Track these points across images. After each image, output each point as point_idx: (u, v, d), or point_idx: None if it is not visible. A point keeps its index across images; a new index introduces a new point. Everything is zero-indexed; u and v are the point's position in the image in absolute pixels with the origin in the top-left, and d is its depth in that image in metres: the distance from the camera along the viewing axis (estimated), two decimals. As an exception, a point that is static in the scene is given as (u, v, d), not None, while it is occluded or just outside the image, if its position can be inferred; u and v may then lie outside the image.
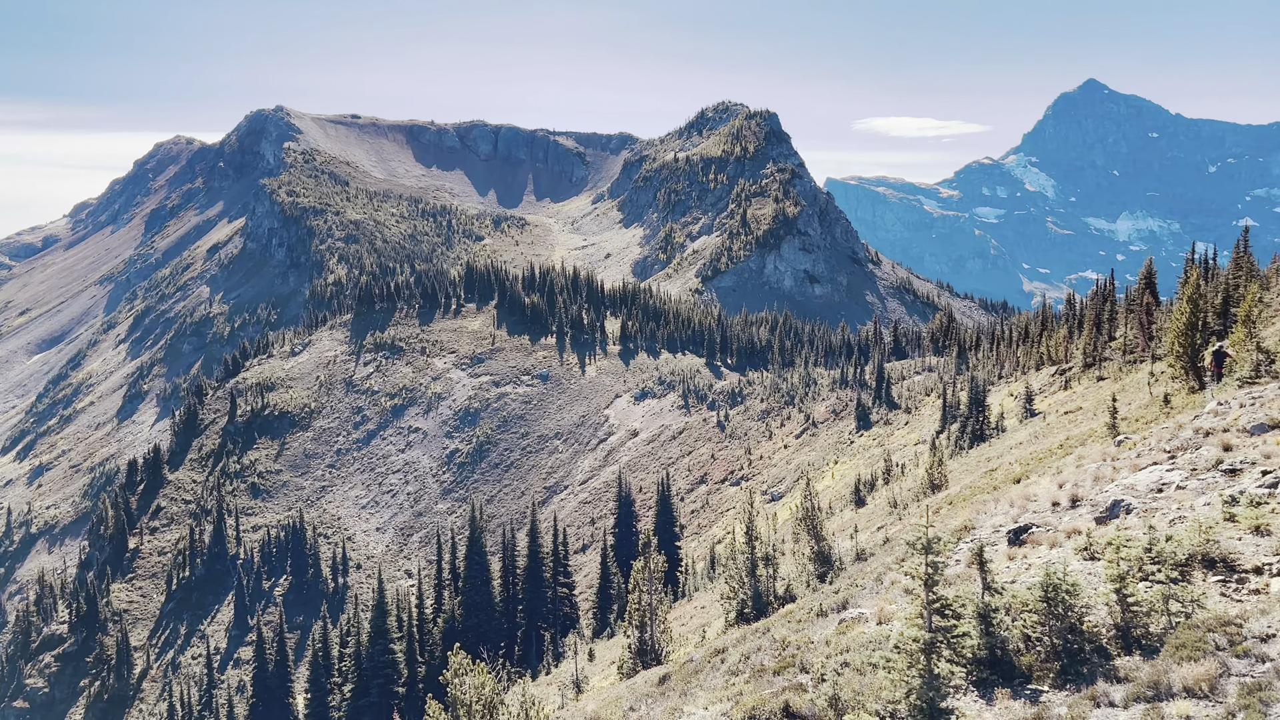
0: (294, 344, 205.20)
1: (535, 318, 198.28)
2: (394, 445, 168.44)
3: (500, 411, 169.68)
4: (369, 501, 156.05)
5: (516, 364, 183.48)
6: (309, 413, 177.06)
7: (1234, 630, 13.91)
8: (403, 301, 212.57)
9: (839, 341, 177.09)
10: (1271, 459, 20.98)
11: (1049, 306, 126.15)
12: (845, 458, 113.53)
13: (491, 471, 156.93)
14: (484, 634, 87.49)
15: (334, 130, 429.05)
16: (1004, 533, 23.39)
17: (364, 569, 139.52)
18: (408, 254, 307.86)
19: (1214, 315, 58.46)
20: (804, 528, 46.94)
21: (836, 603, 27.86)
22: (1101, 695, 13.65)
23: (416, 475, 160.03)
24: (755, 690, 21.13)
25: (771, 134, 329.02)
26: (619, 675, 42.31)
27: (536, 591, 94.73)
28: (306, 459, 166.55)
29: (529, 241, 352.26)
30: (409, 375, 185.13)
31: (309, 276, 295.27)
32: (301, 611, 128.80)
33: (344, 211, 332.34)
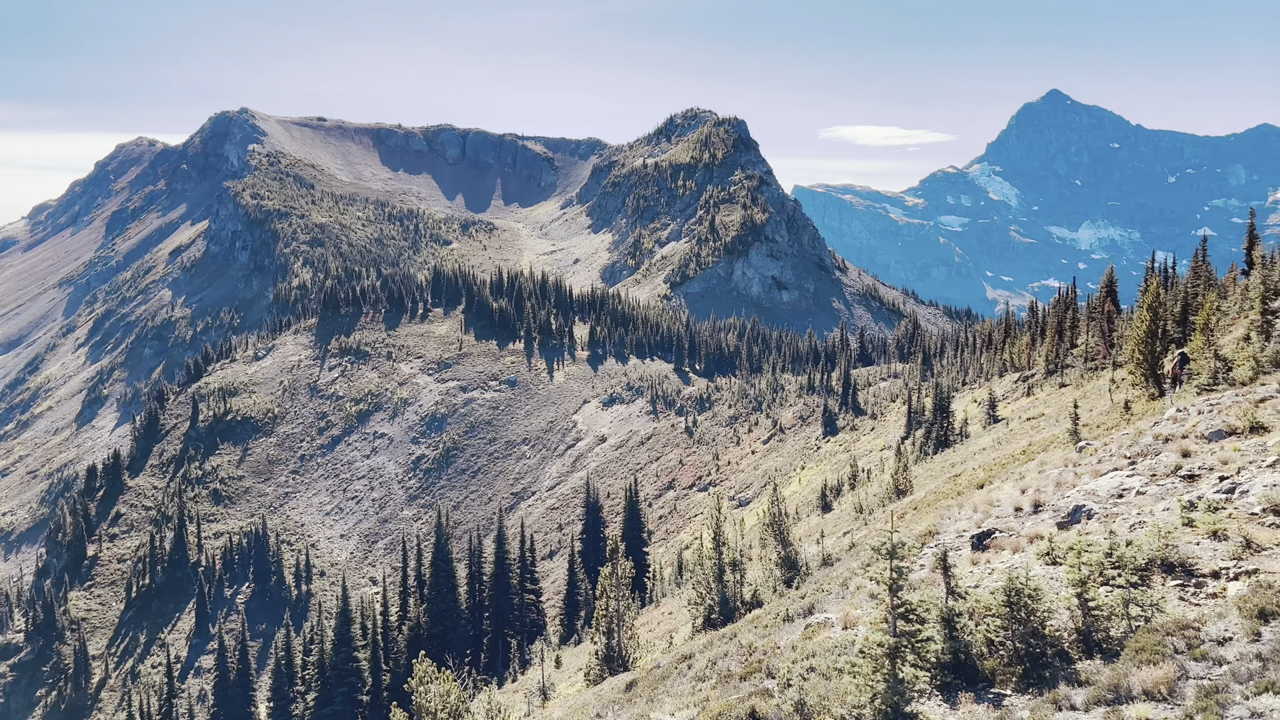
0: (257, 348, 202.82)
1: (503, 323, 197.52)
2: (359, 451, 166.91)
3: (467, 417, 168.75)
4: (333, 508, 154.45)
5: (484, 369, 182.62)
6: (272, 418, 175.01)
7: (1192, 634, 14.12)
8: (369, 306, 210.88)
9: (806, 348, 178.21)
10: (1229, 465, 21.35)
11: (1012, 314, 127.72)
12: (812, 463, 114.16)
13: (458, 477, 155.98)
14: (450, 641, 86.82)
15: (299, 133, 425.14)
16: (968, 538, 23.60)
17: (328, 576, 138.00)
18: (374, 258, 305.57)
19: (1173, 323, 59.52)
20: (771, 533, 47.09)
21: (803, 608, 27.95)
22: (1063, 699, 13.80)
23: (382, 481, 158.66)
24: (722, 696, 21.13)
25: (740, 141, 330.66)
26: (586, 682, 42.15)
27: (503, 598, 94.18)
28: (270, 465, 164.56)
29: (497, 246, 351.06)
30: (375, 380, 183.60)
31: (273, 280, 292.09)
32: (264, 619, 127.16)
33: (309, 215, 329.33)
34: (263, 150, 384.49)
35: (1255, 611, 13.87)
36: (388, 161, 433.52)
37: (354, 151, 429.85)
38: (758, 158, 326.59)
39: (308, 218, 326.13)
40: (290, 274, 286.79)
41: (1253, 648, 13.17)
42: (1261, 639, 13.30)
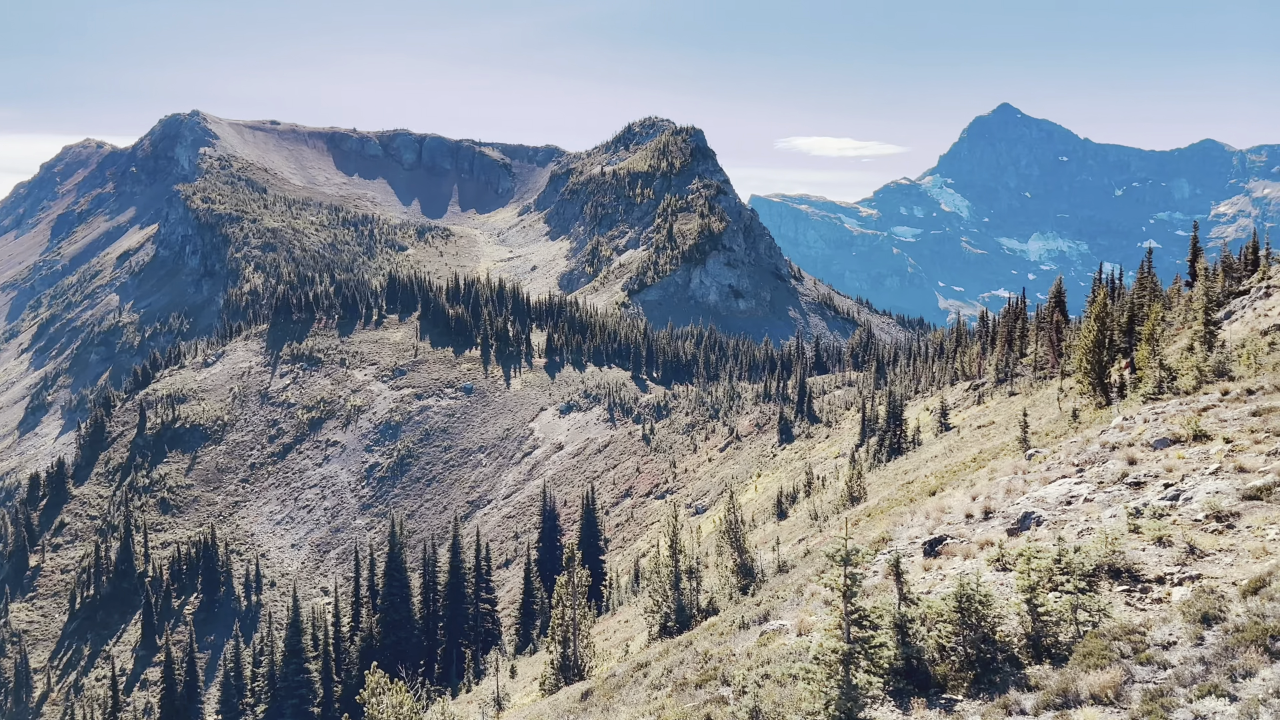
0: (207, 354, 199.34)
1: (459, 329, 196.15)
2: (311, 459, 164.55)
3: (422, 425, 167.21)
4: (284, 517, 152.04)
5: (440, 376, 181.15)
6: (222, 426, 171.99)
7: (1138, 638, 14.38)
8: (321, 312, 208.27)
9: (763, 356, 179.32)
10: (1173, 472, 21.83)
11: (963, 324, 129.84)
12: (768, 470, 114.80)
13: (413, 486, 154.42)
14: (403, 652, 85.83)
15: (252, 136, 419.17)
16: (920, 544, 23.84)
17: (278, 586, 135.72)
18: (327, 263, 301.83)
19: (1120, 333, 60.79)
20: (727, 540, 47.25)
21: (758, 615, 28.04)
22: (1013, 703, 13.96)
23: (334, 490, 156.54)
24: (677, 704, 21.11)
25: (697, 150, 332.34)
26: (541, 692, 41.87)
27: (458, 608, 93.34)
28: (219, 473, 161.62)
29: (454, 252, 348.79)
30: (327, 387, 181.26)
31: (224, 285, 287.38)
32: (213, 631, 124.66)
33: (261, 219, 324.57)
34: (214, 153, 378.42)
35: (1199, 616, 14.16)
36: (342, 166, 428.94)
37: (308, 155, 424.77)
38: (715, 167, 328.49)
39: (260, 222, 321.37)
40: (242, 279, 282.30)
41: (1196, 651, 13.44)
42: (1205, 643, 13.58)
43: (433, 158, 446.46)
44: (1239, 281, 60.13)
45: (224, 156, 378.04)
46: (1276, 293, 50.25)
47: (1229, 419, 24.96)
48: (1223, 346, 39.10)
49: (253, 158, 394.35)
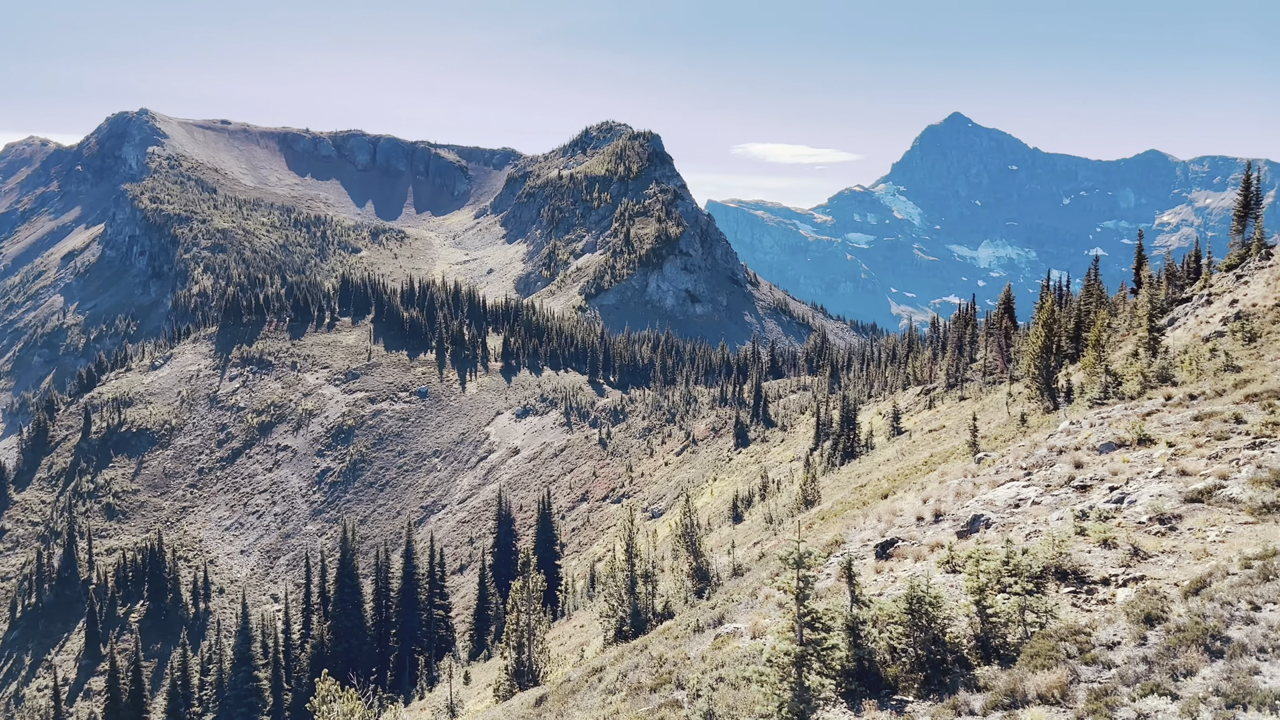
0: (154, 357, 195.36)
1: (414, 333, 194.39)
2: (261, 464, 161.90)
3: (376, 429, 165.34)
4: (233, 523, 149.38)
5: (394, 380, 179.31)
6: (169, 430, 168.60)
7: (1084, 639, 14.63)
8: (272, 314, 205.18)
9: (719, 360, 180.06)
10: (1118, 475, 22.28)
11: (915, 329, 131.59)
12: (724, 474, 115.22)
13: (365, 491, 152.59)
14: (355, 659, 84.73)
15: (202, 135, 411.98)
16: (872, 547, 24.07)
17: (227, 593, 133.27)
18: (279, 265, 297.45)
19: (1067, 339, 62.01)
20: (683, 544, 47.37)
21: (713, 618, 28.12)
22: (962, 704, 14.13)
23: (285, 495, 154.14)
24: (631, 708, 21.08)
25: (654, 155, 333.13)
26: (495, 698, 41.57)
27: (411, 614, 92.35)
28: (166, 478, 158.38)
29: (408, 255, 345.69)
30: (278, 391, 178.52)
31: (172, 287, 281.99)
32: (159, 639, 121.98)
33: (211, 220, 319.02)
34: (163, 153, 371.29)
35: (1142, 616, 14.45)
36: (295, 166, 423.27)
37: (259, 156, 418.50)
38: (672, 172, 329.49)
39: (209, 223, 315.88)
40: (190, 280, 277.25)
41: (1139, 651, 13.71)
42: (1148, 643, 13.86)
43: (387, 159, 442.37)
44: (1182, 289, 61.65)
45: (173, 156, 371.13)
46: (1218, 300, 51.60)
47: (1172, 424, 25.55)
48: (1166, 353, 40.06)
49: (203, 157, 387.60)
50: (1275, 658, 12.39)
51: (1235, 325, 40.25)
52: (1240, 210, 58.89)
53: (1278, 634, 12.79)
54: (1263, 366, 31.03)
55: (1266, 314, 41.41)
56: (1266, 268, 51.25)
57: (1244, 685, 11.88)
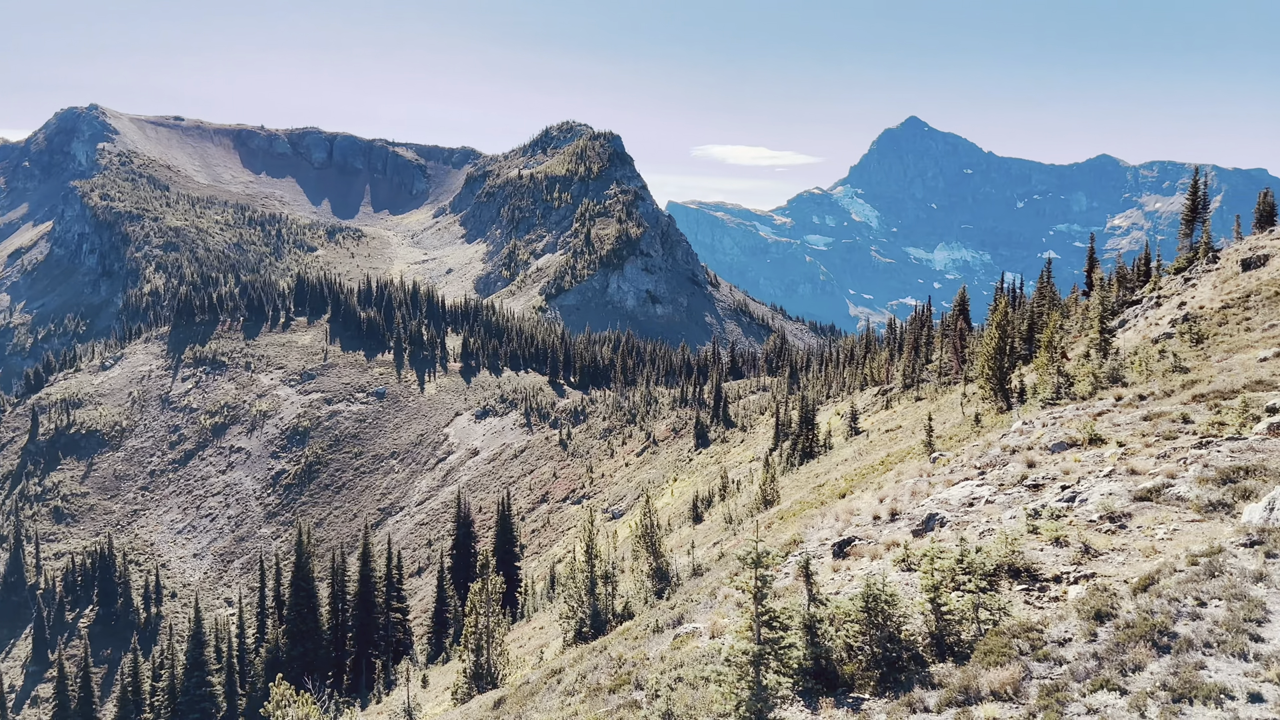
0: (105, 357, 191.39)
1: (372, 333, 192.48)
2: (214, 466, 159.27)
3: (332, 430, 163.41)
4: (186, 526, 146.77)
5: (350, 380, 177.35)
6: (120, 431, 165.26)
7: (1036, 636, 14.84)
8: (226, 314, 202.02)
9: (679, 361, 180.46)
10: (1070, 475, 22.64)
11: (872, 331, 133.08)
12: (684, 475, 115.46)
13: (321, 493, 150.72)
14: (311, 663, 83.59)
15: (154, 132, 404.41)
16: (830, 546, 24.23)
17: (180, 597, 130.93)
18: (233, 264, 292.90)
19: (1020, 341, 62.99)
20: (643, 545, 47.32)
21: (672, 618, 28.12)
22: (917, 701, 14.25)
23: (238, 498, 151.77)
24: (590, 709, 21.01)
25: (615, 155, 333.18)
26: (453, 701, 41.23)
27: (368, 617, 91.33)
28: (117, 481, 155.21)
29: (366, 254, 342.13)
30: (232, 392, 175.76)
31: (123, 286, 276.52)
32: (110, 644, 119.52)
33: (163, 218, 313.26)
34: (114, 149, 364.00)
35: (1092, 613, 14.68)
36: (249, 164, 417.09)
37: (213, 153, 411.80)
38: (633, 173, 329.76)
39: (162, 221, 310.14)
40: (142, 279, 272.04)
41: (1090, 647, 13.93)
42: (1098, 639, 14.09)
43: (344, 157, 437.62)
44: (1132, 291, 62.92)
45: (124, 152, 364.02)
46: (1167, 303, 52.72)
47: (1122, 423, 26.03)
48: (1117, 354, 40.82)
49: (155, 154, 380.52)
50: (1220, 653, 12.65)
51: (1183, 327, 41.13)
52: (1188, 214, 60.26)
53: (1223, 629, 13.06)
54: (1209, 368, 31.73)
55: (1213, 316, 42.39)
56: (1213, 271, 52.48)
57: (1190, 680, 12.12)
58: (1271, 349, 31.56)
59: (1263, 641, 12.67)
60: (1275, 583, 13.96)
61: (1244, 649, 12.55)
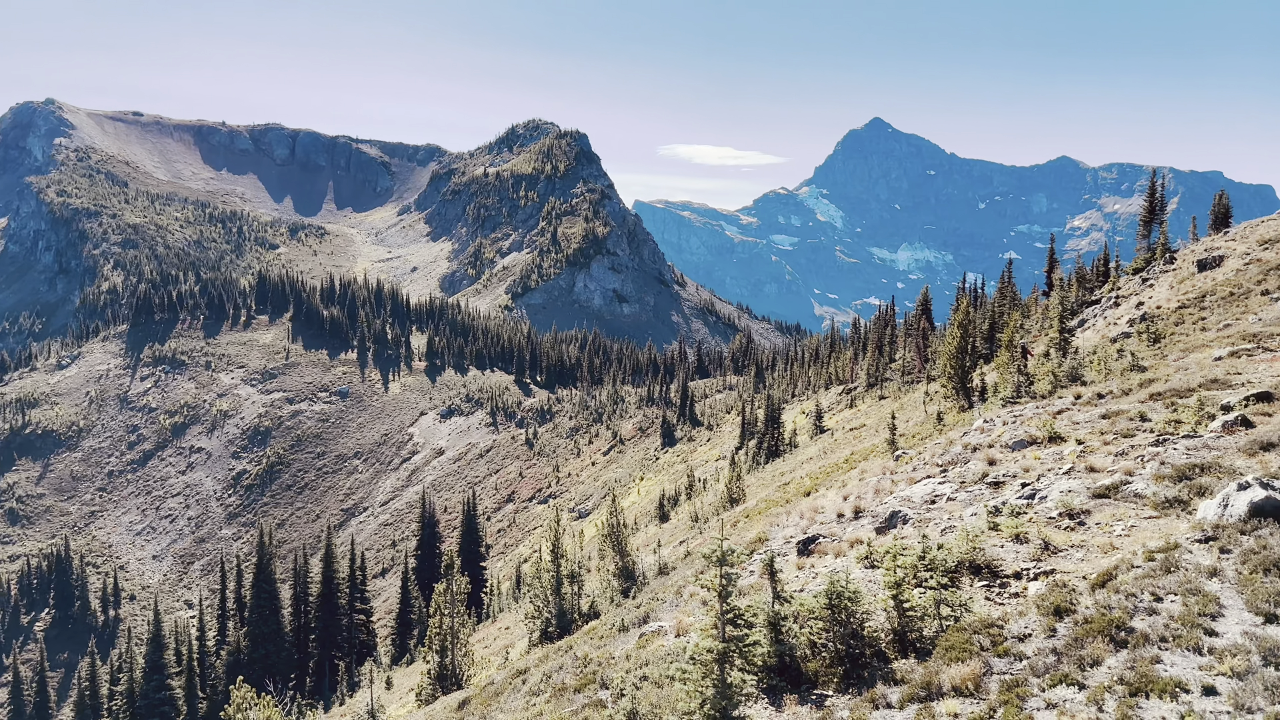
0: (61, 356, 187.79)
1: (335, 331, 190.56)
2: (174, 467, 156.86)
3: (294, 430, 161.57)
4: (145, 527, 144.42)
5: (313, 380, 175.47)
6: (77, 431, 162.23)
7: (996, 631, 14.99)
8: (186, 312, 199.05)
9: (646, 360, 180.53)
10: (1030, 472, 22.91)
11: (837, 330, 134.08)
12: (651, 474, 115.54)
13: (283, 494, 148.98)
14: (272, 665, 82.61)
15: (113, 127, 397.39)
16: (794, 543, 24.34)
17: (139, 600, 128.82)
18: (193, 261, 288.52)
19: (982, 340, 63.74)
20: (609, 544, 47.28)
21: (638, 617, 28.10)
22: (880, 697, 14.34)
23: (199, 499, 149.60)
24: (555, 709, 20.94)
25: (582, 154, 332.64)
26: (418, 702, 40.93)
27: (330, 619, 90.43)
28: (74, 482, 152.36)
29: (329, 252, 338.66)
30: (192, 391, 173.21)
31: (80, 283, 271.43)
32: (66, 648, 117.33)
33: (122, 214, 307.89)
34: (71, 144, 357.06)
35: (1052, 609, 14.86)
36: (210, 160, 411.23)
37: (173, 149, 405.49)
38: (599, 171, 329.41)
39: (120, 218, 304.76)
40: (100, 277, 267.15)
41: (1049, 643, 14.09)
42: (1057, 634, 14.26)
43: (307, 153, 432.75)
44: (1091, 291, 63.90)
45: (81, 148, 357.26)
46: (1125, 302, 53.59)
47: (1081, 421, 26.39)
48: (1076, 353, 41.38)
49: (113, 150, 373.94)
50: (1176, 647, 12.86)
51: (1141, 327, 41.81)
52: (1146, 216, 61.29)
53: (1178, 624, 13.28)
54: (1166, 366, 32.28)
55: (1170, 316, 43.15)
56: (1170, 271, 53.42)
57: (1146, 674, 12.31)
58: (1226, 348, 32.18)
59: (1217, 635, 12.89)
60: (1229, 578, 14.22)
61: (1199, 643, 12.76)
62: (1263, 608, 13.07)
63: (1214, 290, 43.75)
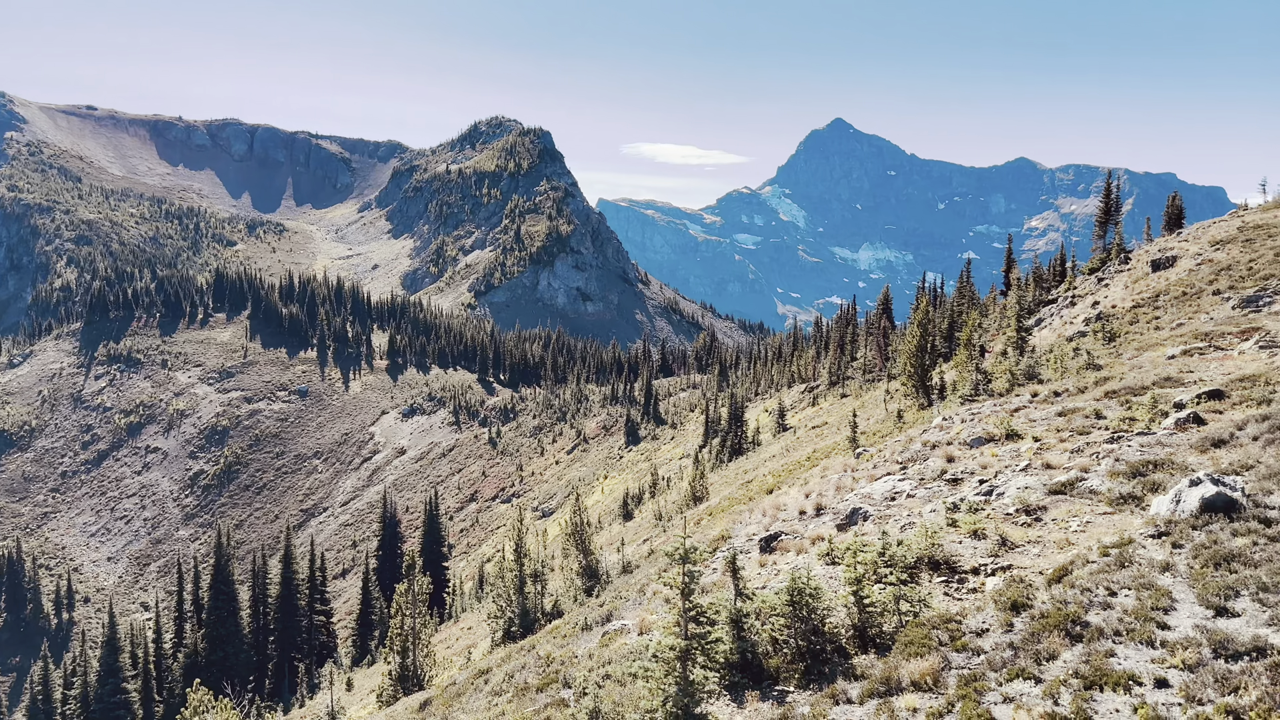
0: (12, 355, 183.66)
1: (294, 330, 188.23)
2: (129, 467, 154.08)
3: (252, 429, 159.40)
4: (99, 529, 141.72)
5: (272, 379, 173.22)
6: (29, 431, 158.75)
7: (955, 626, 15.15)
8: (142, 310, 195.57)
9: (610, 359, 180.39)
10: (988, 469, 23.20)
11: (799, 329, 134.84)
12: (615, 472, 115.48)
13: (241, 494, 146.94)
14: (231, 668, 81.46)
15: (66, 121, 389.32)
16: (757, 541, 24.44)
17: (93, 602, 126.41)
18: (149, 258, 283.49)
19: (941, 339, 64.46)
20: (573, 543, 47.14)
21: (601, 616, 28.07)
22: (840, 693, 14.43)
23: (155, 499, 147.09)
24: (518, 709, 20.85)
25: (545, 152, 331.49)
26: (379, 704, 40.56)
27: (290, 621, 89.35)
28: (26, 483, 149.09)
29: (288, 249, 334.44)
30: (148, 390, 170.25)
31: (32, 280, 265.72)
32: (18, 651, 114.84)
33: (75, 210, 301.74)
34: (22, 139, 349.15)
35: (1009, 604, 15.04)
36: (166, 155, 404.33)
37: (128, 144, 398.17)
38: (563, 169, 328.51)
39: (74, 213, 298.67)
40: (52, 274, 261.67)
41: (1006, 637, 14.27)
42: (1014, 629, 14.44)
43: (265, 149, 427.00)
44: (1048, 291, 64.85)
45: (33, 142, 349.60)
46: (1081, 302, 54.45)
47: (1038, 419, 26.77)
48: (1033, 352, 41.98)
49: (66, 144, 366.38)
50: (1130, 641, 13.08)
51: (1096, 325, 42.50)
52: (1102, 217, 62.32)
53: (1132, 618, 13.50)
54: (1121, 365, 32.84)
55: (1125, 315, 43.92)
56: (1125, 271, 54.37)
57: (1101, 667, 12.50)
58: (1179, 347, 32.81)
59: (1169, 629, 13.12)
60: (1181, 572, 14.48)
61: (1151, 636, 12.99)
62: (1213, 601, 13.32)
63: (1167, 290, 44.60)
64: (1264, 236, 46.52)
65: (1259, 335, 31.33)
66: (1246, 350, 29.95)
